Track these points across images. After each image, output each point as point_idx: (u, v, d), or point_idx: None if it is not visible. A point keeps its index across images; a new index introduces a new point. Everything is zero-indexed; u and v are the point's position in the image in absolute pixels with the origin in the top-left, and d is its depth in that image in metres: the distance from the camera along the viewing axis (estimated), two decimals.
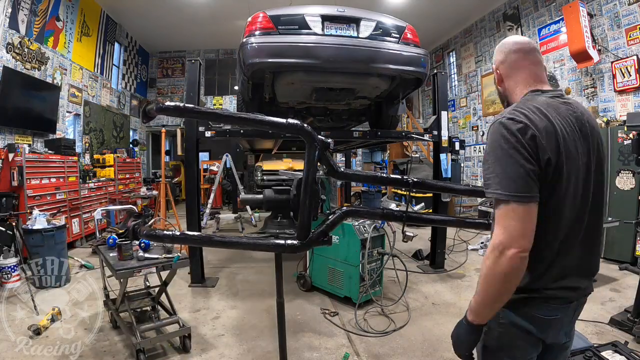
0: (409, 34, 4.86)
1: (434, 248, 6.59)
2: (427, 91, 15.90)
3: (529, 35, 10.55)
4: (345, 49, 4.47)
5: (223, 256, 7.13)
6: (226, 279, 6.13)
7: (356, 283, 4.87)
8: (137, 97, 15.39)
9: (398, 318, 4.63)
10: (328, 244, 2.42)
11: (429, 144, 12.65)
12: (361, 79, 4.89)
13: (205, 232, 8.87)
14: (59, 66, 9.65)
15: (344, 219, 2.54)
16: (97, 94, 11.97)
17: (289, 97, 5.48)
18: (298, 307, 4.99)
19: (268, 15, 4.51)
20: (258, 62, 4.41)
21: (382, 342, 4.10)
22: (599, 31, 8.30)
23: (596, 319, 4.42)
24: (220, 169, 11.36)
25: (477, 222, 3.30)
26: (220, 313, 4.82)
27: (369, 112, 6.45)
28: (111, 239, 4.05)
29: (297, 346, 3.99)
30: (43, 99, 8.64)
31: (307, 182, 2.35)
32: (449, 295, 5.40)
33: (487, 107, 12.74)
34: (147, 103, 2.49)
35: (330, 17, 4.58)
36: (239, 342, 4.07)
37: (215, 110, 2.49)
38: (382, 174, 3.33)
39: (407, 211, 2.55)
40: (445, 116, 6.42)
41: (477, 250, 7.55)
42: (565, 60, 9.35)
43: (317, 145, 2.31)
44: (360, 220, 5.02)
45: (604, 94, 8.34)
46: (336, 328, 4.43)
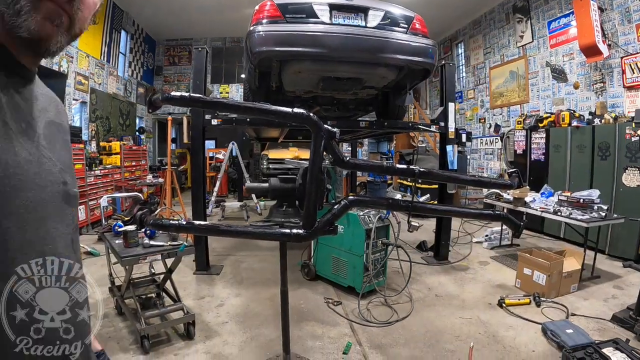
0: (418, 24, 4.81)
1: (439, 240, 6.59)
2: (435, 82, 15.79)
3: (538, 28, 10.47)
4: (353, 38, 4.43)
5: (228, 244, 7.15)
6: (231, 267, 6.16)
7: (360, 273, 4.88)
8: (144, 85, 15.37)
9: (401, 309, 4.64)
10: (333, 234, 2.42)
11: (435, 135, 12.61)
12: (369, 68, 4.86)
13: (211, 220, 8.90)
14: (65, 54, 9.62)
15: (350, 208, 2.53)
16: (103, 82, 11.97)
17: (295, 86, 5.46)
18: (302, 295, 5.01)
19: (276, 3, 4.48)
20: (265, 51, 4.39)
21: (384, 332, 4.12)
22: (609, 26, 8.19)
23: (598, 315, 4.42)
24: (226, 157, 11.37)
25: (484, 213, 3.29)
26: (224, 301, 4.85)
27: (376, 102, 6.42)
28: (117, 226, 4.07)
29: (300, 334, 4.01)
30: (49, 87, 8.57)
31: (313, 171, 2.34)
32: (452, 287, 5.41)
33: (494, 100, 12.66)
34: (153, 92, 2.48)
35: (338, 6, 4.54)
36: (243, 330, 4.10)
37: (221, 100, 2.47)
38: (388, 163, 3.31)
39: (413, 201, 2.54)
40: (453, 108, 6.38)
41: (482, 243, 7.53)
42: (574, 54, 9.23)
43: (324, 134, 2.30)
44: (365, 210, 5.02)
45: (612, 90, 8.24)
46: (339, 317, 4.45)
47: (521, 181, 3.05)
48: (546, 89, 10.29)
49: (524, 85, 11.19)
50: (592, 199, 5.75)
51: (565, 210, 5.79)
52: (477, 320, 4.35)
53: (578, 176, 7.66)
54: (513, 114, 11.64)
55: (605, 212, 5.55)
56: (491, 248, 7.32)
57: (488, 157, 13.01)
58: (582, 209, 5.70)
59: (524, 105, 11.16)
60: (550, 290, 4.89)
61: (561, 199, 6.11)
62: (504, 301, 4.69)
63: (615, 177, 6.79)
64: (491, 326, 4.21)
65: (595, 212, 5.58)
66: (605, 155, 7.05)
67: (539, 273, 4.95)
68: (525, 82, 11.11)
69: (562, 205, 5.99)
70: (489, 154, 12.97)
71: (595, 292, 5.20)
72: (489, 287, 5.40)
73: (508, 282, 5.49)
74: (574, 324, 4.00)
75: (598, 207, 5.66)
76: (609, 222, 5.68)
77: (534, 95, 10.80)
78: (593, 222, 5.38)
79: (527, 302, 4.75)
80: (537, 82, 10.63)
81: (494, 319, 4.40)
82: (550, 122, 8.63)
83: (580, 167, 7.61)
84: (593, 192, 5.87)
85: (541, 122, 8.86)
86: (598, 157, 7.21)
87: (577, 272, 5.19)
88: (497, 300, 4.79)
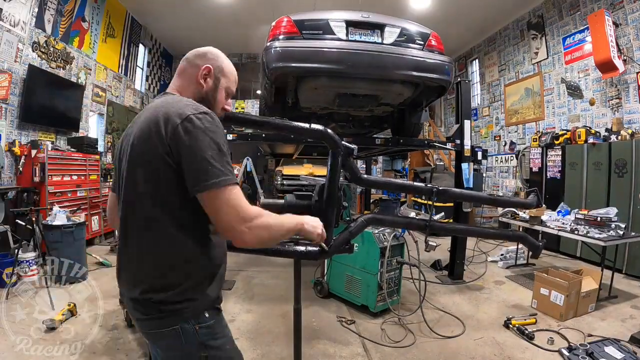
0: (434, 40, 4.81)
1: (453, 259, 6.50)
2: (449, 100, 15.77)
3: (553, 44, 10.43)
4: (369, 55, 4.43)
5: (240, 260, 7.12)
6: (243, 282, 6.13)
7: (374, 292, 4.81)
8: None
9: (415, 329, 4.55)
10: (350, 252, 2.39)
11: (450, 153, 12.55)
12: (385, 85, 4.86)
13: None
14: (84, 66, 9.79)
15: (366, 226, 2.50)
16: (120, 95, 12.11)
17: (311, 102, 5.46)
18: (314, 313, 4.95)
19: (292, 19, 4.51)
20: (282, 67, 4.40)
21: (398, 352, 4.04)
22: (625, 41, 8.13)
23: (616, 336, 4.29)
24: (241, 173, 11.36)
25: (503, 233, 3.23)
26: (235, 316, 4.81)
27: (391, 119, 6.40)
28: None
29: (312, 353, 3.95)
30: (67, 98, 8.74)
31: (330, 188, 2.32)
32: (467, 307, 5.31)
33: (510, 117, 12.58)
34: None
35: (354, 22, 4.55)
36: (254, 347, 4.04)
37: (238, 114, 2.46)
38: (404, 181, 3.29)
39: (431, 220, 2.50)
40: (468, 125, 6.34)
41: (497, 262, 7.43)
42: (589, 70, 9.16)
43: (341, 151, 2.28)
44: (380, 228, 4.97)
45: (628, 105, 8.15)
46: (352, 336, 4.38)
47: (539, 200, 3.00)
48: (562, 106, 10.19)
49: (539, 102, 11.10)
50: (610, 217, 5.66)
51: (582, 228, 5.69)
52: (493, 342, 4.26)
53: (595, 194, 7.55)
54: (528, 131, 11.55)
55: (623, 230, 5.44)
56: (506, 267, 7.21)
57: (503, 175, 12.89)
58: (599, 228, 5.60)
59: (540, 123, 11.06)
60: (568, 311, 4.79)
61: (578, 218, 6.01)
62: (510, 322, 4.59)
63: (632, 194, 6.68)
64: (507, 348, 4.11)
65: (613, 230, 5.47)
66: (622, 172, 6.94)
67: (556, 293, 4.85)
68: (540, 99, 11.03)
69: (579, 223, 5.90)
70: (504, 171, 12.86)
71: (613, 312, 5.08)
72: (505, 307, 5.30)
73: (524, 302, 5.38)
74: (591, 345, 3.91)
75: (616, 225, 5.55)
76: (627, 240, 5.55)
77: (549, 112, 10.71)
78: (611, 241, 5.25)
79: (533, 321, 4.65)
80: (553, 98, 10.54)
81: (510, 340, 4.30)
82: (566, 139, 8.54)
83: (597, 184, 7.50)
84: (610, 210, 5.77)
85: (557, 139, 8.77)
86: (615, 174, 7.11)
87: (595, 291, 5.09)
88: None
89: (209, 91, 1.75)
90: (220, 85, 1.78)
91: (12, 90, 7.23)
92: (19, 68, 7.41)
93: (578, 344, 3.99)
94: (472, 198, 4.83)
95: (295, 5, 10.47)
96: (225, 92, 1.82)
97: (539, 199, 2.69)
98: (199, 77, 1.73)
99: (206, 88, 1.74)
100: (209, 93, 1.75)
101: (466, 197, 4.72)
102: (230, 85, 1.82)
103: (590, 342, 4.02)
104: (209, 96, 1.75)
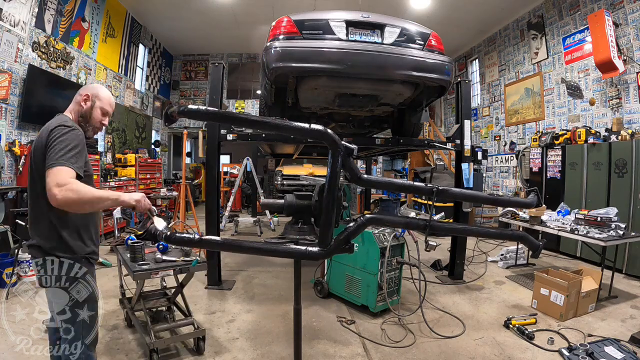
0: (434, 40, 4.81)
1: (453, 258, 6.50)
2: (449, 100, 15.77)
3: (553, 44, 10.43)
4: (369, 55, 4.43)
5: (240, 259, 7.12)
6: (243, 282, 6.12)
7: (374, 292, 4.81)
8: (160, 99, 15.54)
9: (415, 329, 4.55)
10: (350, 252, 2.38)
11: (450, 153, 12.55)
12: (385, 85, 4.86)
13: (224, 235, 8.89)
14: (84, 66, 9.80)
15: (366, 226, 2.50)
16: (120, 95, 12.12)
17: (311, 102, 5.46)
18: (314, 313, 4.95)
19: (292, 19, 4.50)
20: (282, 66, 4.40)
21: (398, 352, 4.03)
22: (625, 41, 8.13)
23: (616, 336, 4.29)
24: (241, 172, 11.42)
25: (504, 232, 3.21)
26: (235, 316, 4.81)
27: (391, 119, 6.41)
28: (130, 239, 4.07)
29: (312, 353, 3.94)
30: (67, 98, 8.64)
31: (330, 188, 2.31)
32: (467, 307, 5.31)
33: (510, 117, 12.58)
34: (169, 105, 2.54)
35: (354, 22, 4.55)
36: (253, 347, 4.04)
37: (238, 114, 2.46)
38: (404, 181, 3.28)
39: (431, 220, 2.50)
40: (468, 125, 6.34)
41: (497, 262, 7.43)
42: (590, 70, 9.16)
43: (341, 151, 2.28)
44: (380, 228, 4.97)
45: (628, 105, 8.15)
46: (352, 336, 4.38)
47: (540, 199, 3.00)
48: (562, 106, 10.19)
49: (539, 102, 11.10)
50: (610, 217, 5.65)
51: (582, 228, 5.69)
52: (493, 342, 4.26)
53: (595, 194, 7.55)
54: (528, 131, 11.55)
55: (623, 230, 5.44)
56: (506, 267, 7.21)
57: (503, 175, 12.90)
58: (599, 228, 5.60)
59: (540, 123, 11.06)
60: (568, 311, 4.78)
61: (578, 218, 6.01)
62: (510, 322, 4.59)
63: (632, 194, 6.68)
64: (507, 348, 4.11)
65: (613, 230, 5.47)
66: (622, 172, 6.94)
67: (556, 293, 4.84)
68: (540, 99, 11.03)
69: (579, 223, 5.89)
70: (504, 171, 12.86)
71: (613, 312, 5.08)
72: (505, 307, 5.29)
73: (524, 303, 5.38)
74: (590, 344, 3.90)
75: (616, 225, 5.55)
76: (627, 240, 5.55)
77: (549, 112, 10.71)
78: (611, 241, 5.25)
79: (533, 321, 4.65)
80: (553, 98, 10.54)
81: (510, 340, 4.29)
82: (566, 139, 8.53)
83: (597, 184, 7.50)
84: (610, 210, 5.77)
85: (557, 140, 8.77)
86: (615, 174, 7.11)
87: (595, 291, 5.09)
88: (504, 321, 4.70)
89: (87, 110, 2.49)
90: (95, 106, 2.50)
91: (12, 90, 7.23)
92: (19, 68, 7.42)
93: (578, 344, 3.99)
94: (472, 198, 4.82)
95: (295, 5, 10.49)
96: (101, 111, 2.53)
97: (539, 199, 2.68)
98: (81, 101, 2.49)
99: (85, 108, 2.48)
100: (87, 112, 2.49)
101: (466, 197, 4.71)
102: (104, 106, 2.54)
103: (590, 342, 4.02)
104: (87, 114, 2.49)
